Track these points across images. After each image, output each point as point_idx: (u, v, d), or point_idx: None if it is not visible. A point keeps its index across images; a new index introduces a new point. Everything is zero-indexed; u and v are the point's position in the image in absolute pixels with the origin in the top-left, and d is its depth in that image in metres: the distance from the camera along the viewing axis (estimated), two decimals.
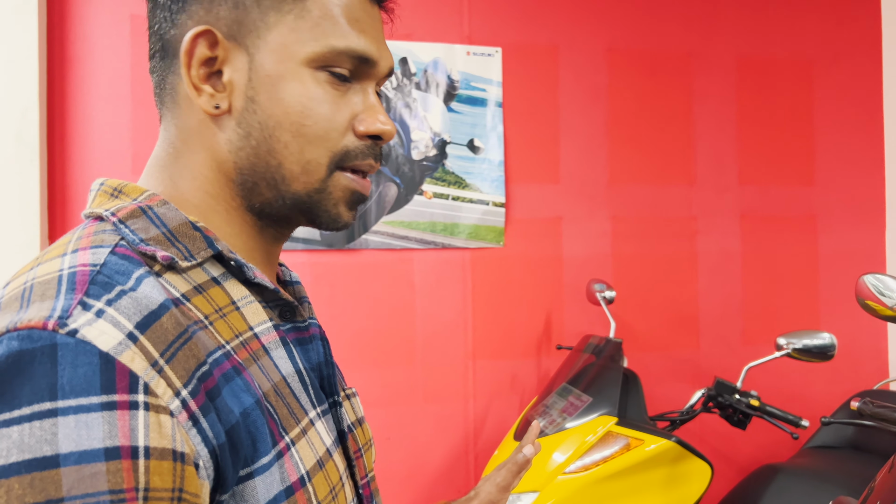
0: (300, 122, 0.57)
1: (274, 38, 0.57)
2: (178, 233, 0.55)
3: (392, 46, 2.19)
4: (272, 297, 0.61)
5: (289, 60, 0.57)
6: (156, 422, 0.43)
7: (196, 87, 0.58)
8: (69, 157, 2.00)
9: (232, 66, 0.57)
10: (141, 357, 0.44)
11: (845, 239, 2.59)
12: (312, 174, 0.59)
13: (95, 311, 0.44)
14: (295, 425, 0.55)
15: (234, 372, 0.51)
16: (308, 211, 0.61)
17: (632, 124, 2.42)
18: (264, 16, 0.57)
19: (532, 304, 2.32)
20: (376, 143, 0.61)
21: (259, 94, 0.57)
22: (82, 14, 2.01)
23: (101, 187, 0.59)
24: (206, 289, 0.55)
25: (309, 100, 0.57)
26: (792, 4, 2.57)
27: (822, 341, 1.67)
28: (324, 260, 2.15)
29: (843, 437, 2.02)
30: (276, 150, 0.57)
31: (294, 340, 0.62)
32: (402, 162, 2.21)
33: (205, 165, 0.60)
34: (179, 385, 0.45)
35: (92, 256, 0.49)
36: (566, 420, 1.66)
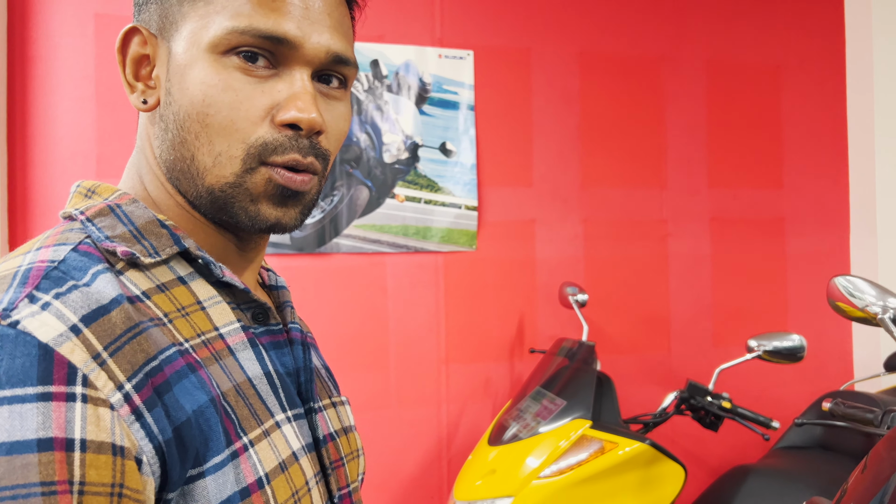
0: (204, 112, 0.54)
1: (186, 27, 0.55)
2: (145, 230, 0.55)
3: (363, 48, 2.17)
4: (244, 299, 0.60)
5: (194, 47, 0.54)
6: (94, 414, 0.42)
7: (130, 84, 0.58)
8: (31, 158, 1.95)
9: (160, 60, 0.57)
10: (82, 349, 0.43)
11: (812, 241, 2.63)
12: (224, 167, 0.54)
13: (41, 303, 0.44)
14: (256, 426, 0.54)
15: (189, 369, 0.50)
16: (223, 208, 0.56)
17: (604, 128, 2.43)
18: (181, 6, 0.55)
19: (505, 307, 2.31)
20: (299, 135, 0.55)
21: (173, 85, 0.55)
22: (45, 12, 1.96)
23: (77, 189, 0.59)
24: (169, 287, 0.54)
25: (210, 87, 0.53)
26: (760, 11, 2.61)
27: (792, 343, 1.69)
28: (294, 264, 2.12)
29: (812, 437, 2.05)
30: (188, 142, 0.55)
31: (267, 343, 0.60)
32: (374, 165, 2.19)
33: (153, 162, 0.59)
34: (123, 378, 0.45)
35: (53, 253, 0.50)
36: (540, 424, 1.66)
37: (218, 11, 0.54)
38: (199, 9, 0.54)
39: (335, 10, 0.58)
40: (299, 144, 0.55)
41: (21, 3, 1.94)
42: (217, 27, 0.53)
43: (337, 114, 0.60)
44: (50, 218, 1.95)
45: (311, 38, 0.55)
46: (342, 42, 0.58)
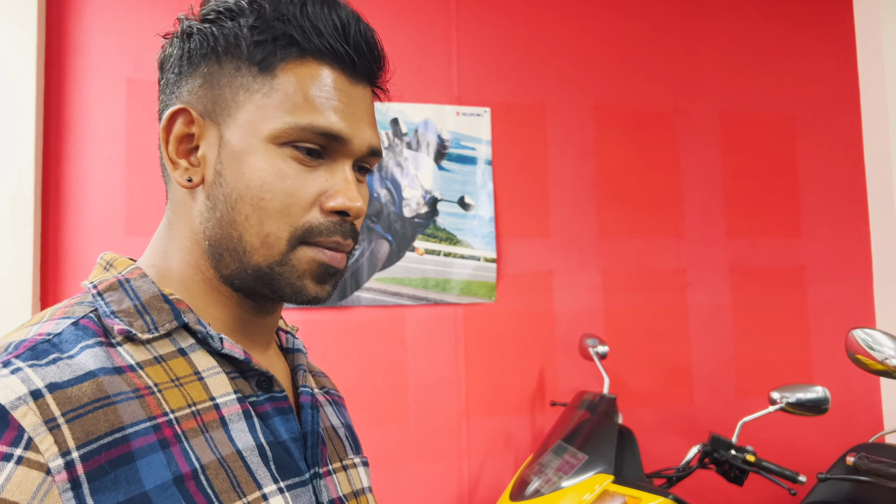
0: (259, 196, 0.58)
1: (242, 115, 0.59)
2: (149, 305, 0.59)
3: (383, 107, 2.24)
4: (247, 368, 0.62)
5: (253, 136, 0.58)
6: (21, 476, 0.45)
7: (173, 161, 0.62)
8: (63, 219, 2.01)
9: (206, 141, 0.61)
10: (35, 413, 0.46)
11: (834, 290, 2.61)
12: (272, 247, 0.59)
13: (13, 368, 0.48)
14: (237, 499, 0.55)
15: (159, 445, 0.52)
16: (270, 283, 0.60)
17: (620, 179, 2.46)
18: (235, 95, 0.59)
19: (525, 359, 2.31)
20: (344, 220, 0.61)
21: (225, 168, 0.59)
22: (80, 78, 2.05)
23: (100, 261, 0.63)
24: (167, 359, 0.57)
25: (269, 174, 0.58)
26: (772, 62, 2.65)
27: (816, 395, 1.67)
28: (316, 317, 2.15)
29: (842, 491, 2.00)
30: (237, 223, 0.59)
31: (272, 410, 0.62)
32: (394, 219, 2.23)
33: (186, 237, 0.63)
34: (72, 446, 0.47)
35: (54, 326, 0.54)
36: (562, 479, 1.64)
37: (276, 105, 0.58)
38: (256, 100, 0.59)
39: (370, 107, 0.64)
40: (342, 229, 0.61)
41: (57, 69, 2.04)
42: (278, 121, 0.58)
43: (364, 196, 0.65)
44: (80, 275, 2.00)
45: (358, 135, 0.61)
46: (377, 137, 0.64)
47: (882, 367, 1.17)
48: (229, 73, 0.60)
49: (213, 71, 0.60)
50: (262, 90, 0.59)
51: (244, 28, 0.59)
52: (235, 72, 0.60)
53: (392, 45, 2.26)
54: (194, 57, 0.61)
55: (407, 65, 2.29)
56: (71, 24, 2.06)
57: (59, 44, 2.04)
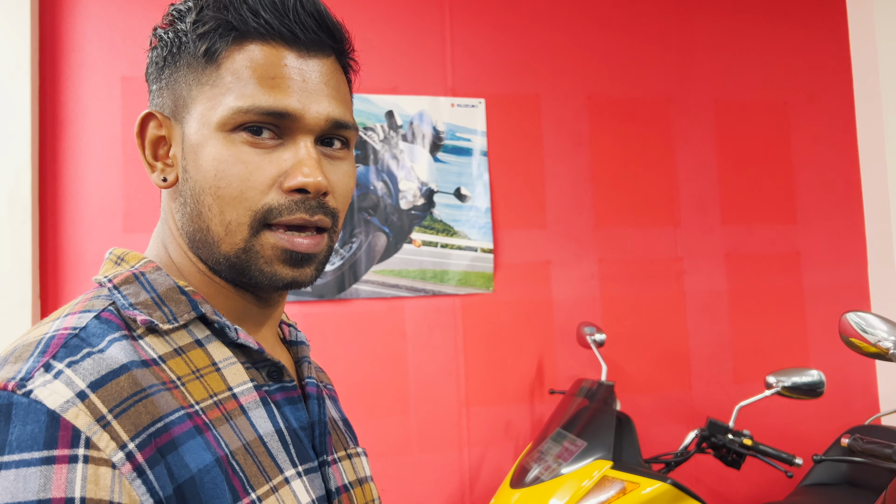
0: (216, 185, 0.59)
1: (196, 109, 0.60)
2: (166, 297, 0.60)
3: (378, 100, 2.24)
4: (259, 358, 0.63)
5: (205, 127, 0.59)
6: (94, 474, 0.46)
7: (150, 164, 0.64)
8: (61, 217, 2.02)
9: (175, 141, 0.62)
10: (86, 413, 0.47)
11: (829, 275, 2.63)
12: (234, 234, 0.59)
13: (55, 372, 0.49)
14: (265, 483, 0.56)
15: (196, 431, 0.53)
16: (242, 272, 0.61)
17: (615, 169, 2.47)
18: (189, 90, 0.61)
19: (523, 348, 2.33)
20: (307, 198, 0.60)
21: (188, 163, 0.61)
22: (74, 76, 2.05)
23: (109, 256, 0.64)
24: (185, 351, 0.58)
25: (222, 162, 0.58)
26: (765, 50, 2.66)
27: (811, 378, 1.69)
28: (315, 311, 2.16)
29: (839, 473, 2.02)
30: (203, 214, 0.60)
31: (282, 400, 0.63)
32: (391, 211, 2.24)
33: (175, 233, 0.64)
34: (126, 438, 0.49)
35: (77, 320, 0.55)
36: (562, 466, 1.66)
37: (223, 93, 0.59)
38: (206, 92, 0.60)
39: (331, 79, 0.63)
40: (307, 205, 0.60)
41: (52, 68, 2.04)
42: (224, 108, 0.58)
43: (342, 173, 0.64)
44: (79, 273, 2.01)
45: (311, 109, 0.60)
46: (340, 108, 0.63)
47: (875, 349, 1.18)
48: (184, 70, 0.61)
49: (173, 72, 0.62)
50: (210, 81, 0.59)
51: (188, 24, 0.61)
52: (188, 68, 0.61)
53: (386, 37, 2.27)
54: (159, 62, 0.64)
55: (401, 57, 2.29)
56: (65, 21, 2.06)
57: (53, 42, 2.04)
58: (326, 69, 0.63)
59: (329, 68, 0.63)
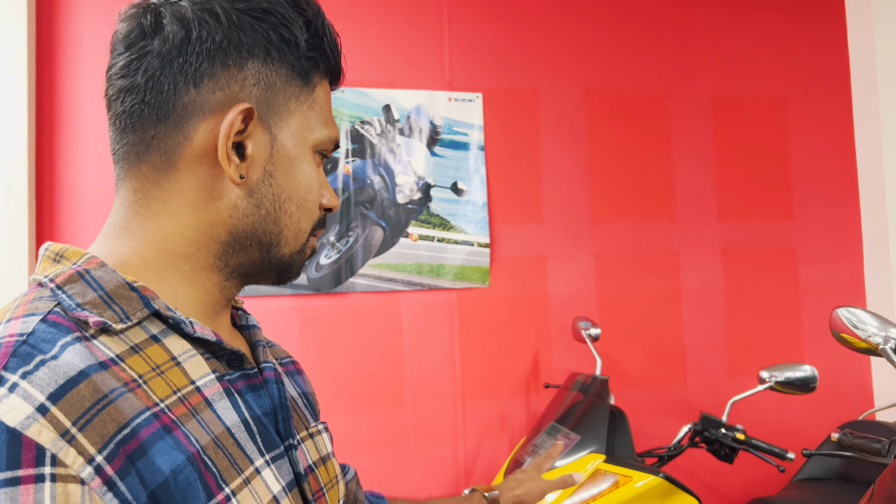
0: (304, 197, 0.66)
1: (294, 122, 0.64)
2: (115, 294, 0.56)
3: (375, 94, 2.24)
4: (218, 348, 0.62)
5: (302, 144, 0.65)
6: (63, 492, 0.44)
7: (228, 157, 0.60)
8: (58, 210, 2.02)
9: (255, 141, 0.61)
10: (49, 429, 0.45)
11: (825, 271, 2.64)
12: (300, 240, 0.67)
13: (9, 385, 0.46)
14: (237, 476, 0.56)
15: (164, 431, 0.52)
16: (285, 269, 0.69)
17: (612, 164, 2.47)
18: (287, 102, 0.64)
19: (519, 342, 2.34)
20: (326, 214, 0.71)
21: (277, 169, 0.64)
22: (72, 68, 2.05)
23: (46, 252, 0.60)
24: (143, 348, 0.56)
25: (312, 179, 0.66)
26: (763, 45, 2.66)
27: (804, 373, 1.70)
28: (311, 304, 2.17)
29: (831, 468, 2.03)
30: (281, 220, 0.65)
31: (244, 388, 0.63)
32: (388, 205, 2.25)
33: (187, 227, 0.61)
34: (93, 451, 0.46)
35: (22, 325, 0.51)
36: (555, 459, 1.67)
37: (317, 117, 0.66)
38: (303, 111, 0.65)
39: None
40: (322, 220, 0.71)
41: (49, 60, 2.04)
42: (320, 133, 0.67)
43: None
44: None
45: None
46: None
47: (865, 344, 1.19)
48: (283, 79, 0.63)
49: (264, 72, 0.61)
50: (308, 101, 0.65)
51: (301, 39, 0.63)
52: (289, 79, 0.64)
53: (384, 30, 2.27)
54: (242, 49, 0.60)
55: (399, 51, 2.29)
56: (62, 13, 2.06)
57: (50, 33, 2.05)
58: None
59: None
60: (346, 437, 2.13)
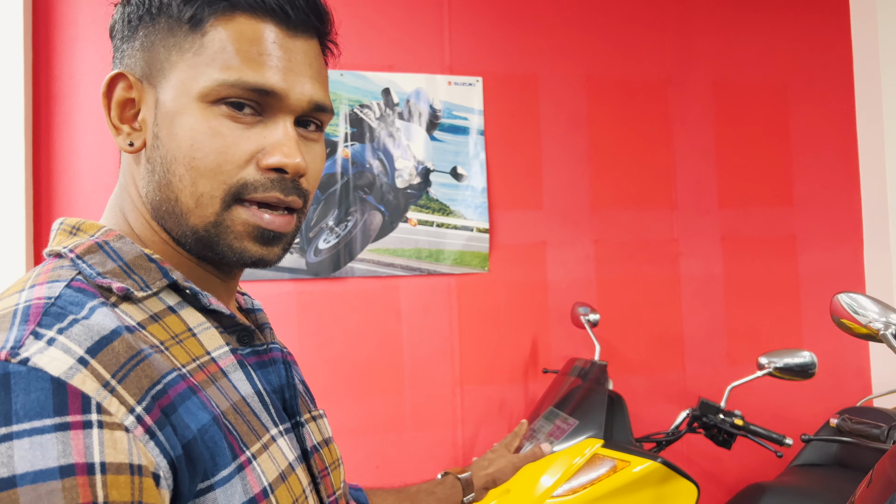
0: (191, 156, 0.57)
1: (175, 75, 0.58)
2: (134, 265, 0.58)
3: (374, 77, 2.23)
4: (230, 323, 0.63)
5: (184, 96, 0.58)
6: (110, 438, 0.45)
7: (115, 127, 0.61)
8: (55, 193, 2.01)
9: (146, 105, 0.60)
10: (92, 379, 0.46)
11: (825, 258, 2.63)
12: (206, 207, 0.58)
13: (47, 339, 0.47)
14: (256, 441, 0.57)
15: (190, 392, 0.53)
16: (210, 246, 0.60)
17: (612, 150, 2.46)
18: (168, 55, 0.59)
19: (518, 328, 2.33)
20: (283, 178, 0.60)
21: (161, 129, 0.59)
22: (68, 51, 2.04)
23: (61, 226, 0.61)
24: (162, 317, 0.57)
25: (200, 133, 0.57)
26: (765, 32, 2.64)
27: (803, 359, 1.70)
28: (310, 289, 2.17)
29: (829, 454, 2.04)
30: (172, 184, 0.58)
31: (254, 364, 0.64)
32: (387, 190, 2.24)
33: (137, 201, 0.62)
34: (133, 402, 0.47)
35: (48, 290, 0.52)
36: (553, 444, 1.67)
37: (207, 63, 0.57)
38: (187, 59, 0.58)
39: (315, 61, 0.63)
40: (283, 185, 0.60)
41: (45, 42, 2.02)
42: (207, 79, 0.57)
43: (315, 155, 0.64)
44: None
45: (295, 89, 0.60)
46: (322, 91, 0.63)
47: (866, 330, 1.19)
48: (163, 33, 0.59)
49: (149, 33, 0.60)
50: (193, 48, 0.58)
51: None
52: (168, 32, 0.59)
53: (383, 13, 2.25)
54: (133, 21, 0.61)
55: (398, 33, 2.27)
56: None
57: (46, 15, 2.02)
58: (311, 50, 0.62)
59: (313, 50, 0.63)
60: (343, 421, 2.13)
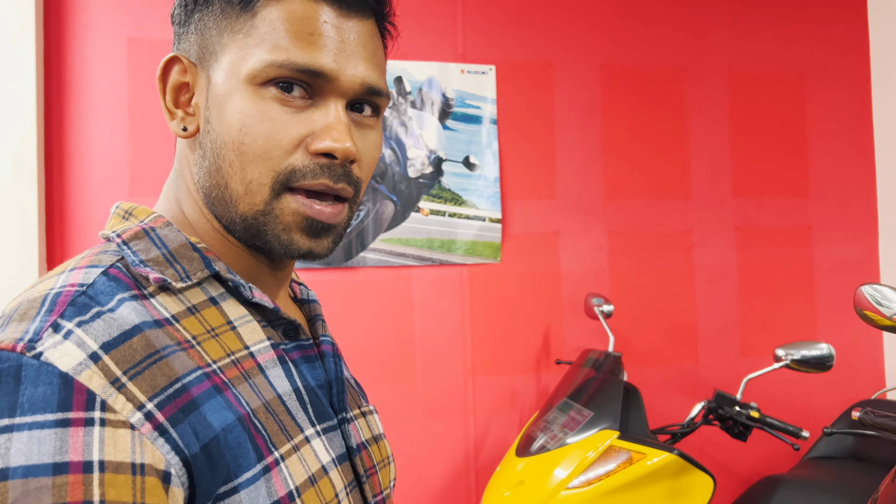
0: (240, 140, 0.55)
1: (226, 57, 0.56)
2: (178, 254, 0.57)
3: (387, 65, 2.21)
4: (275, 317, 0.62)
5: (234, 78, 0.56)
6: (112, 436, 0.44)
7: (170, 112, 0.60)
8: (67, 181, 2.01)
9: (199, 89, 0.59)
10: (100, 376, 0.45)
11: (840, 249, 2.61)
12: (255, 195, 0.56)
13: (64, 332, 0.46)
14: (286, 442, 0.55)
15: (216, 390, 0.52)
16: (257, 235, 0.58)
17: (626, 139, 2.44)
18: (220, 37, 0.57)
19: (530, 319, 2.32)
20: (332, 163, 0.57)
21: (212, 113, 0.57)
22: (80, 38, 2.03)
23: (116, 210, 0.61)
24: (200, 309, 0.56)
25: (248, 117, 0.55)
26: (781, 20, 2.60)
27: (821, 352, 1.68)
28: (322, 278, 2.16)
29: (844, 447, 2.03)
30: (222, 170, 0.57)
31: (299, 358, 0.62)
32: (399, 179, 2.22)
33: (192, 187, 0.61)
34: (144, 399, 0.47)
35: (84, 276, 0.52)
36: (568, 435, 1.66)
37: (257, 44, 0.55)
38: (238, 41, 0.56)
39: (370, 42, 0.60)
40: (332, 171, 0.57)
41: (56, 30, 2.01)
42: (256, 60, 0.55)
43: (369, 142, 0.61)
44: (86, 236, 2.00)
45: (347, 71, 0.57)
46: (376, 73, 0.60)
47: (890, 322, 1.17)
48: (216, 15, 0.57)
49: (203, 16, 0.58)
50: (244, 29, 0.56)
51: None
52: (221, 14, 0.57)
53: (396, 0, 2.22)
54: (188, 4, 0.60)
55: (411, 21, 2.25)
56: None
57: (58, 2, 2.01)
58: (366, 31, 0.60)
59: (368, 30, 0.60)
60: None
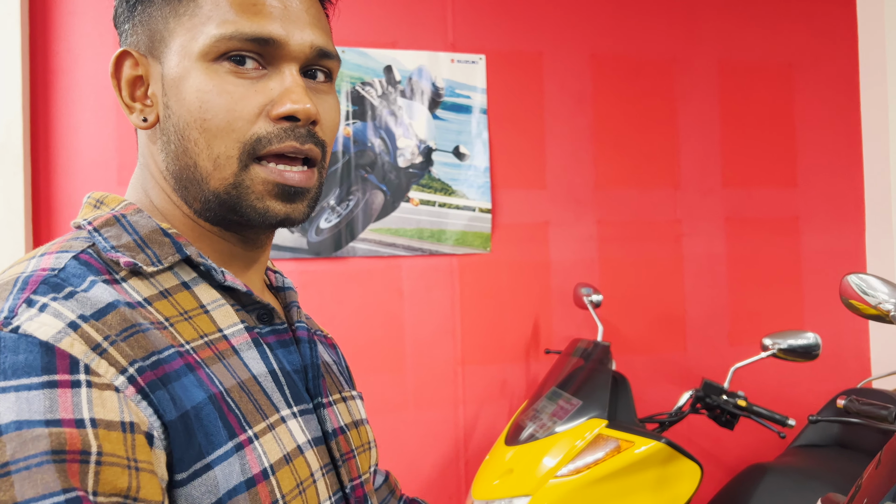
0: (202, 117, 0.56)
1: (175, 42, 0.58)
2: (149, 239, 0.58)
3: (376, 55, 2.20)
4: (248, 301, 0.62)
5: (186, 59, 0.57)
6: (99, 397, 0.45)
7: (128, 106, 0.61)
8: (53, 168, 1.99)
9: (153, 79, 0.60)
10: (80, 342, 0.46)
11: (827, 239, 2.63)
12: (224, 168, 0.57)
13: (39, 306, 0.47)
14: (261, 420, 0.56)
15: (188, 368, 0.52)
16: (233, 209, 0.59)
17: (616, 129, 2.44)
18: (167, 24, 0.58)
19: (520, 308, 2.33)
20: (296, 125, 0.58)
21: (170, 98, 0.58)
22: (66, 25, 2.00)
23: (88, 199, 0.62)
24: (172, 293, 0.57)
25: (205, 93, 0.56)
26: (771, 11, 2.61)
27: (807, 341, 1.69)
28: (311, 268, 2.15)
29: (829, 435, 2.05)
30: (189, 150, 0.58)
31: (275, 342, 0.63)
32: (389, 169, 2.22)
33: (157, 177, 0.62)
34: (125, 363, 0.47)
35: (54, 261, 0.52)
36: (556, 424, 1.67)
37: (204, 22, 0.57)
38: (184, 23, 0.57)
39: (311, 8, 0.62)
40: (296, 133, 0.58)
41: (42, 18, 1.99)
42: (205, 36, 0.56)
43: (327, 105, 0.62)
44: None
45: (295, 36, 0.58)
46: (323, 37, 0.61)
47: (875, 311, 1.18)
48: (159, 4, 0.59)
49: (146, 7, 0.60)
50: (188, 11, 0.57)
51: None
52: (163, 2, 0.59)
53: None
54: (130, 1, 0.61)
55: (401, 10, 2.24)
56: None
57: None
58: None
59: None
60: None
